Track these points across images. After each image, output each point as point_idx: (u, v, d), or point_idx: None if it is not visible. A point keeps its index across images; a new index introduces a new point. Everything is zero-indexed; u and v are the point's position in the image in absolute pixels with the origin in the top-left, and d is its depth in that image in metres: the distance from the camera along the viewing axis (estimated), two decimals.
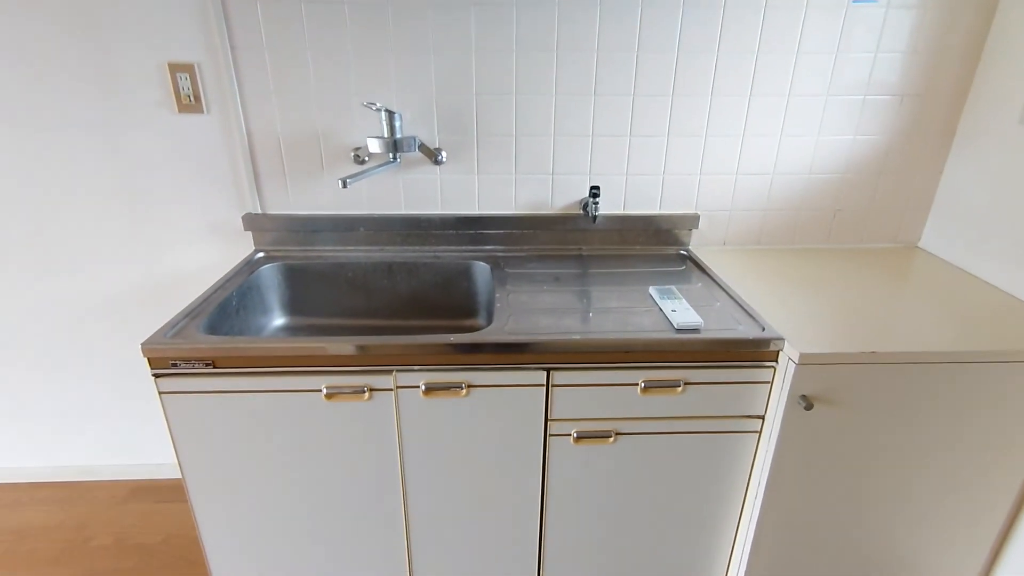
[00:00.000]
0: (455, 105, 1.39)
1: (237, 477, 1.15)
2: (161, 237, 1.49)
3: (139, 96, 1.34)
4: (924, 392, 1.07)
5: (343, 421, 1.11)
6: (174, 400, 1.06)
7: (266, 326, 1.43)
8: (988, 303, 1.22)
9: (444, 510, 1.22)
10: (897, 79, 1.39)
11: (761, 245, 1.57)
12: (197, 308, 1.17)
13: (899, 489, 1.17)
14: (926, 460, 1.14)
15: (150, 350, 1.02)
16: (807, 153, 1.46)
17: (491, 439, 1.14)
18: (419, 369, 1.07)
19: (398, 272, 1.48)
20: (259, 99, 1.36)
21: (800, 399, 1.05)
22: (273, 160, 1.42)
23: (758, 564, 1.24)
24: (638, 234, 1.53)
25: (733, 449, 1.17)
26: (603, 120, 1.41)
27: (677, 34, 1.33)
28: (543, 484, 1.20)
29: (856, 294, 1.27)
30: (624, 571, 1.32)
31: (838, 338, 1.07)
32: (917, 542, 1.24)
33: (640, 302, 1.23)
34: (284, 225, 1.48)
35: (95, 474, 1.82)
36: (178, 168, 1.42)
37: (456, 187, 1.47)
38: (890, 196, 1.52)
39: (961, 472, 1.15)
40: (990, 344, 1.05)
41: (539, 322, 1.14)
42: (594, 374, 1.09)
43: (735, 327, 1.11)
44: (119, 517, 1.68)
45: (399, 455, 1.15)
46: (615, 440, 1.15)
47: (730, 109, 1.41)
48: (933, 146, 1.46)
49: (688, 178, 1.48)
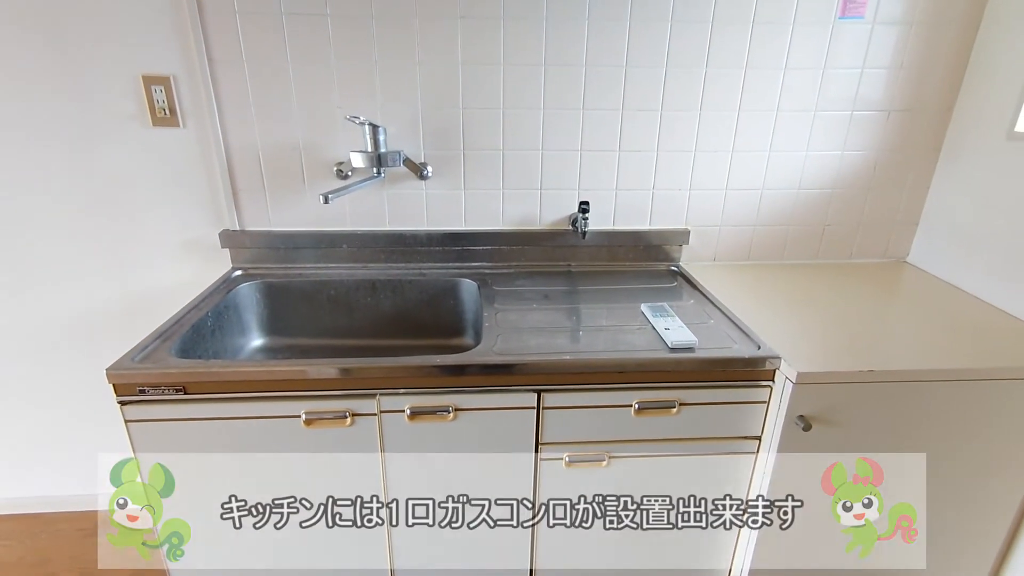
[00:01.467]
0: (441, 119, 1.36)
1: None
2: (136, 255, 1.43)
3: (113, 109, 1.29)
4: (921, 410, 1.05)
5: (324, 448, 1.05)
6: (142, 429, 0.99)
7: (244, 347, 1.37)
8: (979, 318, 1.21)
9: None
10: (883, 95, 1.39)
11: (751, 260, 1.55)
12: (169, 329, 1.11)
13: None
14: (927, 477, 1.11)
15: (116, 376, 0.95)
16: (796, 168, 1.46)
17: (480, 465, 1.09)
18: (404, 392, 1.02)
19: (382, 290, 1.43)
20: (238, 113, 1.31)
21: (798, 419, 1.02)
22: (252, 175, 1.38)
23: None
24: (628, 250, 1.51)
25: (730, 471, 1.14)
26: (592, 135, 1.39)
27: (665, 49, 1.32)
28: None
29: (848, 310, 1.25)
30: None
31: (835, 356, 1.05)
32: (914, 557, 1.20)
33: (632, 320, 1.20)
34: (263, 242, 1.42)
35: (59, 505, 1.72)
36: (153, 183, 1.36)
37: (442, 202, 1.44)
38: (878, 211, 1.51)
39: (960, 490, 1.13)
40: (984, 361, 1.03)
41: (529, 342, 1.10)
42: (586, 395, 1.05)
43: (730, 345, 1.08)
44: (84, 551, 1.58)
45: (383, 482, 1.09)
46: (608, 463, 1.11)
47: (719, 124, 1.40)
48: (920, 161, 1.46)
49: (677, 193, 1.47)
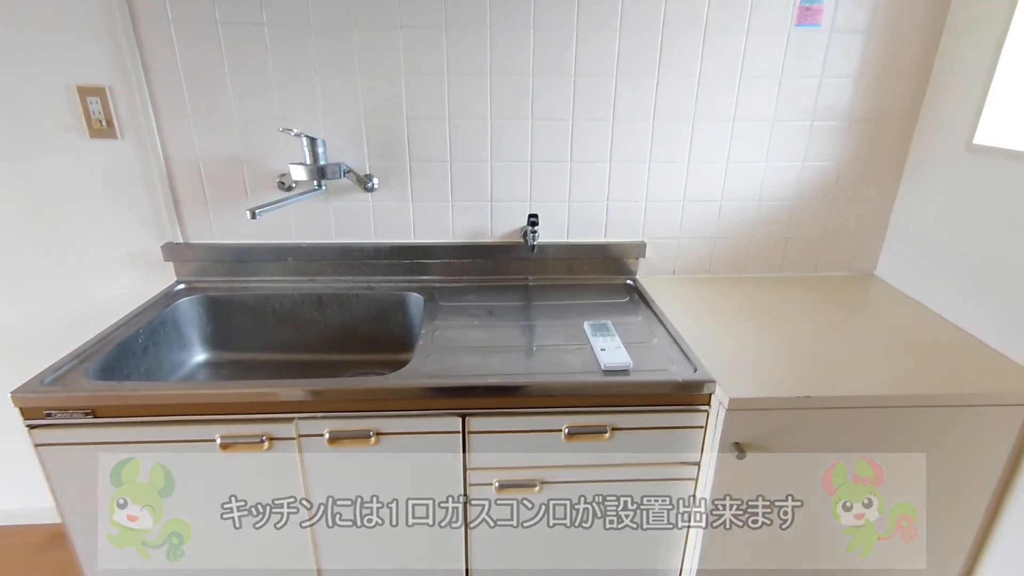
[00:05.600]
0: (386, 130, 1.32)
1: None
2: (76, 269, 1.40)
3: (47, 120, 1.27)
4: (864, 436, 1.00)
5: (242, 472, 1.02)
6: (51, 452, 0.97)
7: (185, 362, 1.34)
8: (939, 340, 1.16)
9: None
10: (845, 105, 1.34)
11: (712, 274, 1.51)
12: (91, 348, 1.09)
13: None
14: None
15: (21, 399, 0.93)
16: (756, 179, 1.41)
17: (406, 489, 1.05)
18: (322, 416, 0.99)
19: (329, 304, 1.40)
20: (176, 123, 1.29)
21: (733, 446, 0.97)
22: (193, 187, 1.35)
23: None
24: (583, 263, 1.47)
25: (669, 496, 1.09)
26: (542, 145, 1.35)
27: (615, 58, 1.28)
28: (466, 534, 1.11)
29: (805, 328, 1.20)
30: None
31: (776, 379, 1.00)
32: None
33: (574, 339, 1.15)
34: (207, 255, 1.40)
35: (10, 518, 1.70)
36: (92, 196, 1.34)
37: (390, 214, 1.40)
38: (843, 223, 1.46)
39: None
40: (932, 388, 0.98)
41: (461, 361, 1.06)
42: (514, 420, 1.01)
43: (668, 367, 1.04)
44: (34, 568, 1.56)
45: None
46: (540, 489, 1.07)
47: (673, 135, 1.36)
48: (884, 172, 1.41)
49: (633, 204, 1.42)
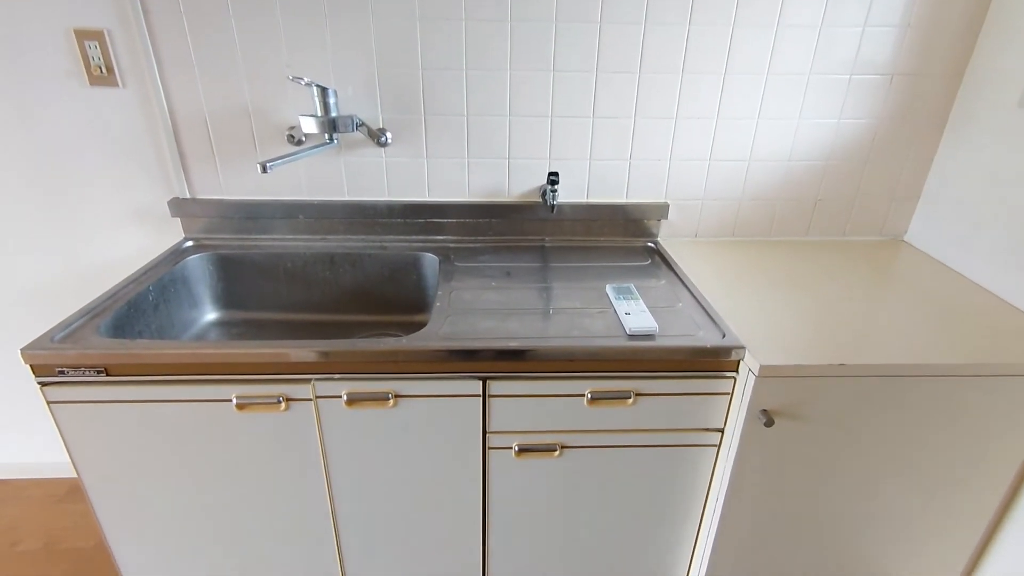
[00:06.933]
0: (400, 80, 1.25)
1: (144, 491, 1.05)
2: (81, 223, 1.36)
3: (46, 65, 1.20)
4: (897, 405, 0.97)
5: (259, 433, 1.00)
6: (64, 409, 0.95)
7: (196, 321, 1.32)
8: (973, 307, 1.12)
9: (378, 526, 1.12)
10: (887, 57, 1.26)
11: (736, 237, 1.46)
12: (101, 305, 1.06)
13: (869, 506, 1.08)
14: (898, 475, 1.04)
15: (31, 356, 0.90)
16: (787, 138, 1.34)
17: (425, 452, 1.04)
18: (339, 378, 0.96)
19: (341, 263, 1.36)
20: (179, 71, 1.22)
21: (760, 414, 0.95)
22: (200, 139, 1.29)
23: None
24: (603, 224, 1.42)
25: (690, 464, 1.08)
26: (563, 99, 1.28)
27: (644, 4, 1.19)
28: (484, 499, 1.10)
29: (834, 294, 1.16)
30: None
31: (807, 347, 0.97)
32: (886, 558, 1.15)
33: (595, 302, 1.12)
34: (216, 211, 1.35)
35: (33, 471, 1.72)
36: (95, 147, 1.29)
37: (403, 171, 1.35)
38: (876, 185, 1.40)
39: (935, 487, 1.06)
40: (969, 357, 0.95)
41: (480, 324, 1.03)
42: (535, 384, 0.98)
43: (695, 332, 1.00)
44: (52, 519, 1.58)
45: (324, 469, 1.05)
46: (561, 454, 1.05)
47: (703, 88, 1.28)
48: (924, 131, 1.34)
49: (657, 164, 1.36)
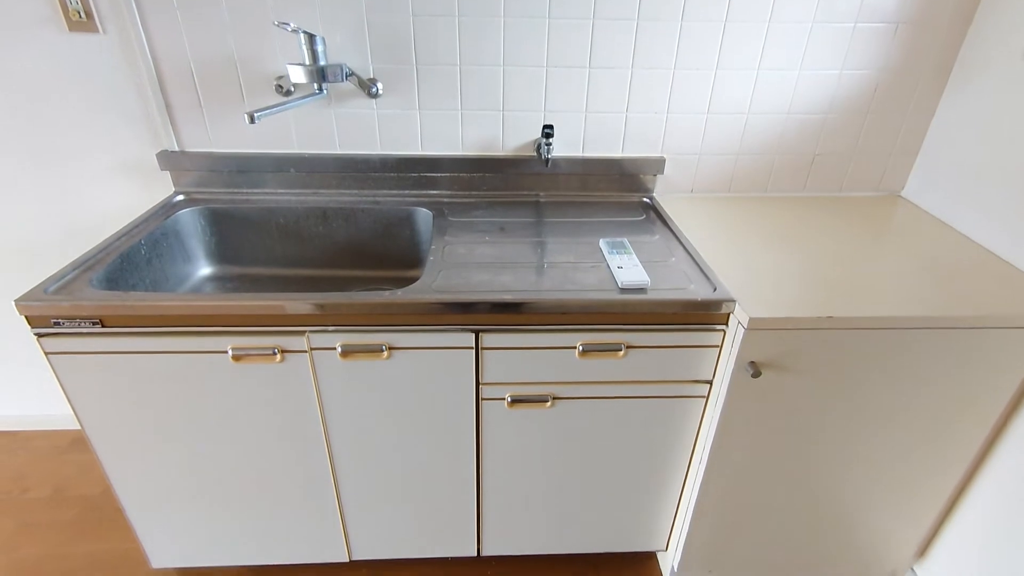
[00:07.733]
0: (390, 27, 1.21)
1: (144, 439, 1.08)
2: (67, 176, 1.34)
3: (22, 10, 1.16)
4: (883, 358, 0.99)
5: (255, 384, 1.02)
6: (62, 360, 0.96)
7: (190, 275, 1.32)
8: (965, 262, 1.12)
9: (376, 474, 1.16)
10: (893, 4, 1.22)
11: (732, 193, 1.44)
12: (93, 258, 1.06)
13: (850, 454, 1.12)
14: (879, 426, 1.07)
15: (26, 307, 0.91)
16: (787, 90, 1.31)
17: (419, 403, 1.06)
18: (334, 330, 0.97)
19: (334, 218, 1.35)
20: (161, 16, 1.18)
21: (748, 366, 0.96)
22: (186, 89, 1.26)
23: (701, 528, 1.21)
24: (599, 179, 1.40)
25: (679, 415, 1.10)
26: (559, 48, 1.25)
27: None
28: (478, 448, 1.13)
29: (827, 249, 1.16)
30: (566, 534, 1.29)
31: (797, 300, 0.97)
32: (865, 508, 1.20)
33: (589, 256, 1.12)
34: (205, 164, 1.33)
35: (37, 423, 1.76)
36: (78, 97, 1.25)
37: (395, 124, 1.32)
38: (875, 140, 1.38)
39: (915, 437, 1.09)
40: (957, 309, 0.96)
41: (473, 278, 1.03)
42: (528, 336, 1.00)
43: (686, 286, 1.01)
44: (59, 468, 1.63)
45: (321, 419, 1.07)
46: (553, 404, 1.08)
47: (702, 37, 1.24)
48: (927, 83, 1.31)
49: (654, 116, 1.34)
